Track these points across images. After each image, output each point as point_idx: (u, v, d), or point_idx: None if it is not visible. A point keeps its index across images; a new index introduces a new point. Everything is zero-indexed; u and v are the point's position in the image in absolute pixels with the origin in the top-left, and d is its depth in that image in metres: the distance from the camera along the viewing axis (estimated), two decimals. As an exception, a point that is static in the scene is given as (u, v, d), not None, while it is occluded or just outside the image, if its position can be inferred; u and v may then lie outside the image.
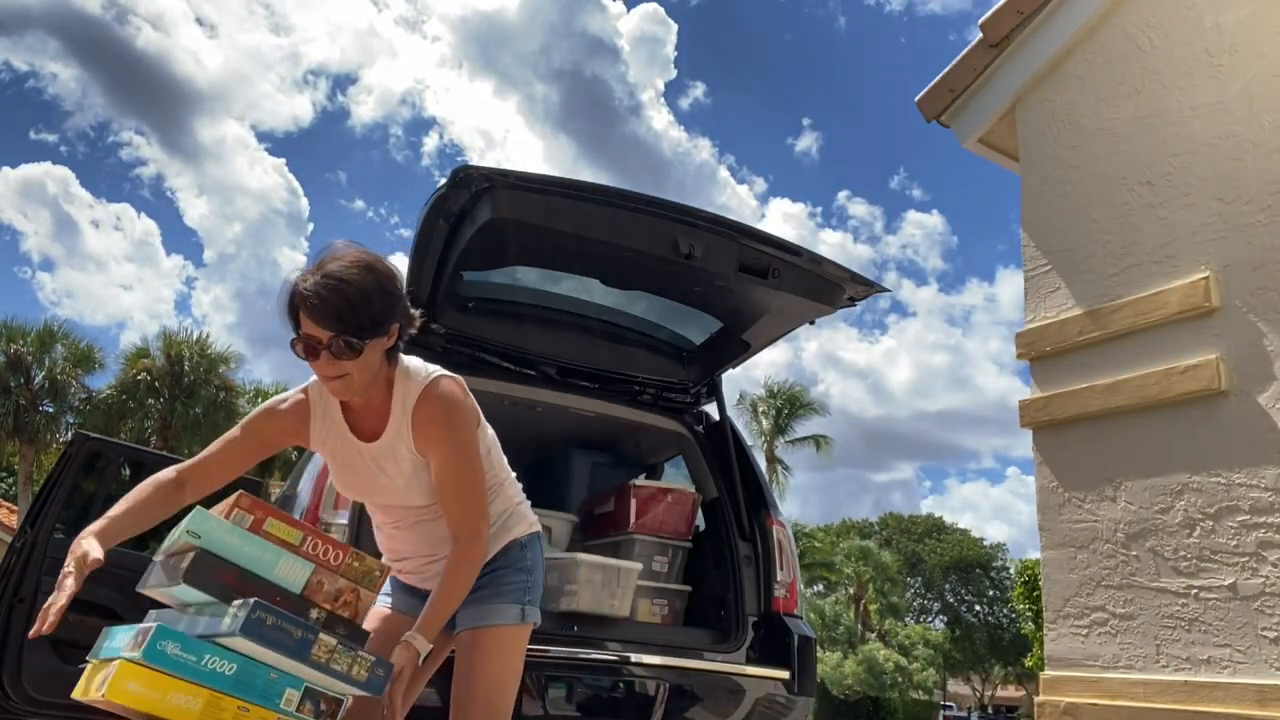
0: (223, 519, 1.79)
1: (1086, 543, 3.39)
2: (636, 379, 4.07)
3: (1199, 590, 3.08)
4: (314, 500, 3.08)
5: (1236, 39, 3.29)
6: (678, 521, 3.86)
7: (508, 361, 3.88)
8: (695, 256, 3.17)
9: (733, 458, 3.95)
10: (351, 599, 1.86)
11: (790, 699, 3.48)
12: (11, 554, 4.22)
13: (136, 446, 6.47)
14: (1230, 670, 2.96)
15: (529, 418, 4.14)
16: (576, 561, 3.36)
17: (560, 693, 3.21)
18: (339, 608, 1.84)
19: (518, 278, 3.77)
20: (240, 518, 1.80)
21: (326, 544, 1.87)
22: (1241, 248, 3.15)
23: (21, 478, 21.32)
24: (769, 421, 31.72)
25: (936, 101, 4.18)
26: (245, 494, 1.85)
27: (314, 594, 1.82)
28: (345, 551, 1.88)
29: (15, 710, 4.09)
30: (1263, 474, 2.98)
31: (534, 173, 3.04)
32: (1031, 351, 3.69)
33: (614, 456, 4.52)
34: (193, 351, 22.44)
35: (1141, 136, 3.51)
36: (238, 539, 1.78)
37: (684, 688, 3.37)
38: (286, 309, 1.97)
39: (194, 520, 1.77)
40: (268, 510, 1.84)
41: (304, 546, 1.84)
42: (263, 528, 1.81)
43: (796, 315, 3.66)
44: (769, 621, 3.61)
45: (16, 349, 21.14)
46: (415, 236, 3.30)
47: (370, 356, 1.99)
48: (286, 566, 1.81)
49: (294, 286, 1.95)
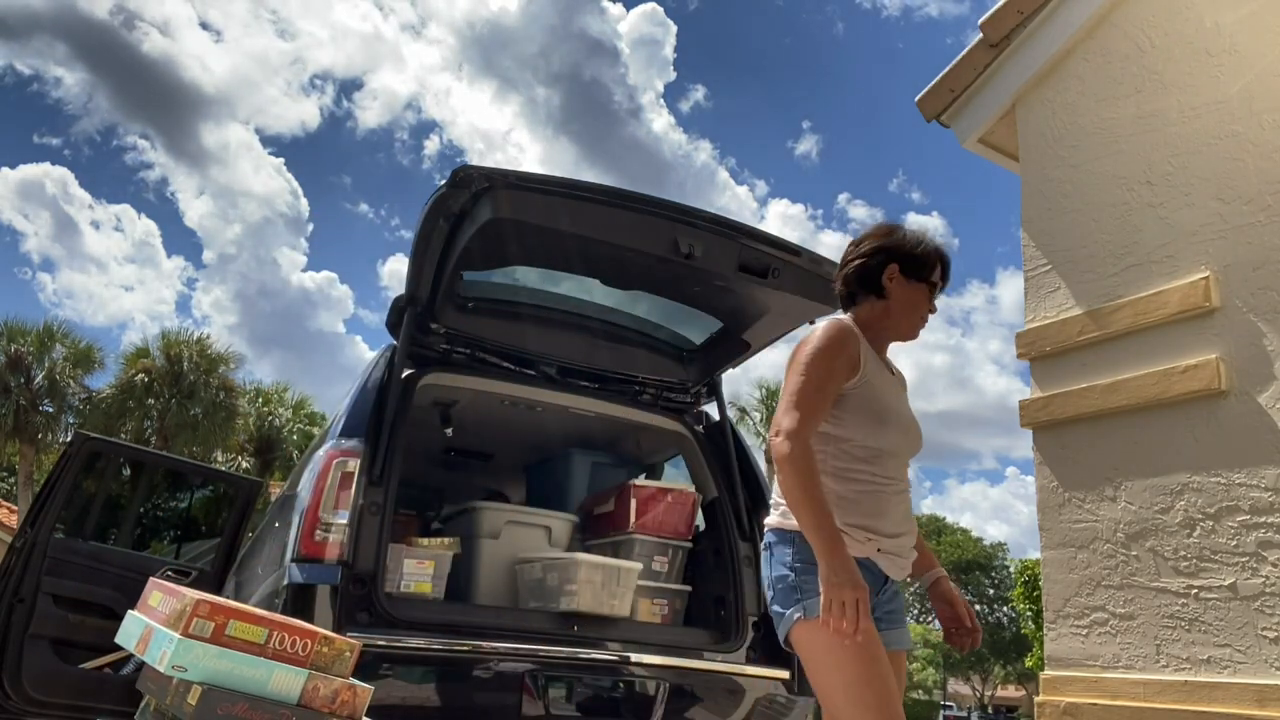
0: (207, 646, 1.77)
1: (1086, 543, 3.39)
2: (636, 379, 4.07)
3: (1199, 590, 3.08)
4: (314, 500, 3.08)
5: (1236, 39, 3.29)
6: (678, 521, 3.86)
7: (508, 361, 3.88)
8: (695, 256, 3.17)
9: (733, 457, 3.95)
10: (349, 697, 1.87)
11: (790, 699, 3.48)
12: (11, 554, 4.22)
13: (136, 446, 6.48)
14: (1230, 670, 2.96)
15: (529, 418, 4.14)
16: (576, 561, 3.36)
17: (560, 693, 3.21)
18: (338, 708, 1.85)
19: (518, 278, 3.77)
20: (201, 626, 1.79)
21: (293, 634, 1.87)
22: (1241, 248, 3.15)
23: (21, 478, 21.31)
24: (764, 423, 31.67)
25: (936, 101, 4.17)
26: (202, 600, 1.83)
27: (311, 700, 1.83)
28: (313, 639, 1.88)
29: (15, 710, 4.09)
30: (1263, 474, 2.98)
31: (534, 173, 3.04)
32: (1031, 351, 3.69)
33: (614, 456, 4.52)
34: (192, 352, 22.44)
35: (1141, 136, 3.50)
36: (227, 662, 1.78)
37: (684, 688, 3.37)
38: (939, 263, 2.35)
39: (179, 654, 1.75)
40: (227, 612, 1.83)
41: (270, 644, 1.83)
42: (225, 634, 1.80)
43: (796, 315, 3.66)
44: (769, 621, 3.60)
45: (16, 349, 21.13)
46: (415, 236, 3.30)
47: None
48: (280, 679, 1.81)
49: (939, 248, 2.35)
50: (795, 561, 2.13)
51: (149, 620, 1.94)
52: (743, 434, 4.32)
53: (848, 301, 2.39)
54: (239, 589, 4.03)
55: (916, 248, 2.33)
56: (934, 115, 4.21)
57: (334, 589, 2.93)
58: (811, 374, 2.14)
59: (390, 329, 3.76)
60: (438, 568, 3.37)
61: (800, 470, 2.02)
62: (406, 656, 3.01)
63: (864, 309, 2.34)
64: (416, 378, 3.59)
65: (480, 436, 4.54)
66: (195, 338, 23.08)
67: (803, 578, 2.10)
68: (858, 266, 2.34)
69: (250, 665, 1.79)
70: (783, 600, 2.13)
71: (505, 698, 3.12)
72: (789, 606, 2.11)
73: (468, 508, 3.83)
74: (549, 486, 4.56)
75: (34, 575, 4.15)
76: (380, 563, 3.09)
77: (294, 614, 2.65)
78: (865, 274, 2.33)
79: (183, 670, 1.74)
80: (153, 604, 1.98)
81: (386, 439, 3.27)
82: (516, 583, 3.67)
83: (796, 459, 2.03)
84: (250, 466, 23.19)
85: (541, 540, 3.79)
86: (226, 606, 1.85)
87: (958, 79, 4.09)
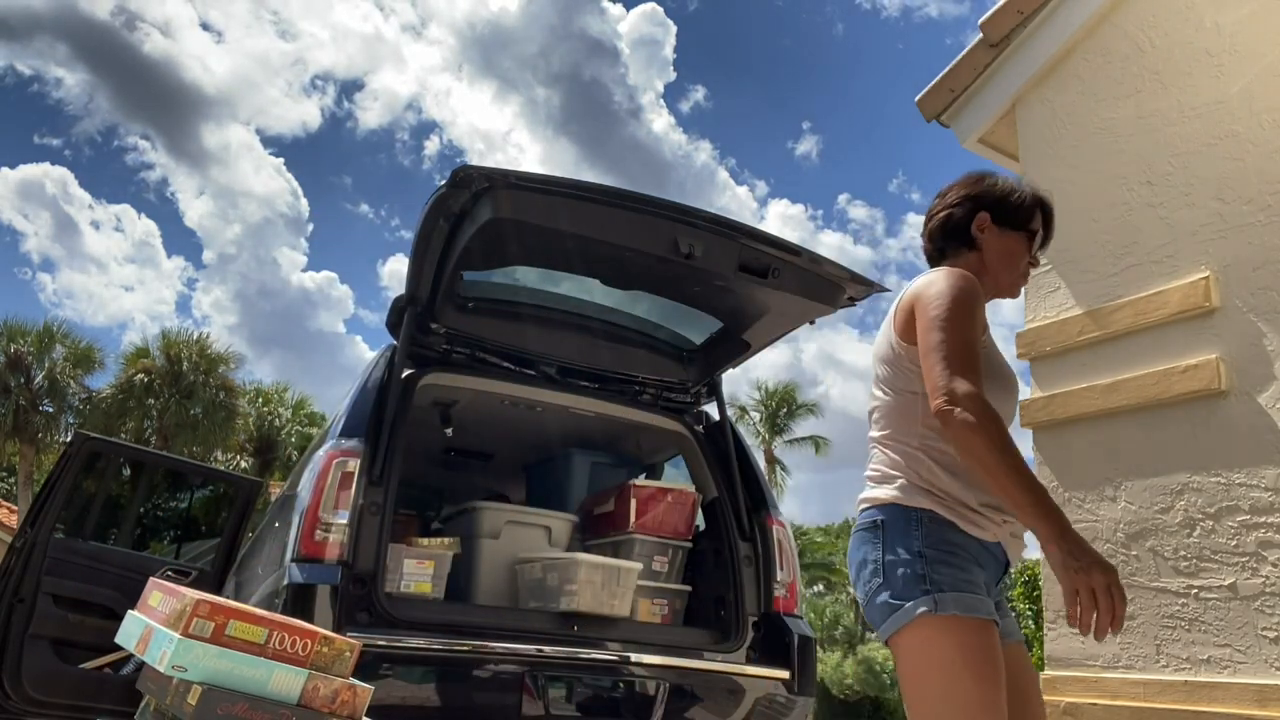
0: (207, 646, 1.77)
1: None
2: (636, 379, 4.07)
3: (1199, 590, 3.08)
4: (314, 500, 3.08)
5: (1236, 39, 3.29)
6: (678, 521, 3.86)
7: (508, 361, 3.88)
8: (695, 256, 3.17)
9: (733, 457, 3.95)
10: (349, 697, 1.87)
11: (790, 699, 3.48)
12: (11, 554, 4.22)
13: (136, 446, 6.47)
14: (1230, 670, 2.96)
15: (529, 418, 4.14)
16: (576, 561, 3.36)
17: (560, 693, 3.21)
18: (338, 708, 1.85)
19: (518, 278, 3.77)
20: (201, 626, 1.79)
21: (293, 634, 1.87)
22: (1241, 248, 3.15)
23: (21, 478, 21.32)
24: (764, 423, 31.72)
25: (936, 101, 4.18)
26: (202, 600, 1.83)
27: (311, 700, 1.83)
28: (313, 638, 1.88)
29: (15, 710, 4.09)
30: (1263, 474, 2.98)
31: (534, 172, 3.03)
32: (1031, 351, 3.69)
33: (614, 456, 4.52)
34: (192, 351, 22.45)
35: (1141, 136, 3.50)
36: (227, 662, 1.78)
37: (684, 688, 3.37)
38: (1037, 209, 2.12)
39: (179, 654, 1.75)
40: (227, 612, 1.83)
41: (270, 644, 1.83)
42: (225, 634, 1.80)
43: (796, 315, 3.66)
44: (769, 621, 3.60)
45: (16, 349, 21.15)
46: (415, 236, 3.30)
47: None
48: (280, 679, 1.81)
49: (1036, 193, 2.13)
50: (925, 546, 1.81)
51: (149, 620, 1.94)
52: (743, 434, 4.32)
53: (936, 260, 2.13)
54: (239, 589, 4.03)
55: (1010, 194, 2.10)
56: (934, 115, 4.21)
57: (334, 589, 2.93)
58: (958, 325, 1.83)
59: (390, 329, 3.76)
60: (438, 568, 3.37)
61: (995, 435, 1.70)
62: (406, 656, 3.01)
63: (957, 264, 2.06)
64: (416, 378, 3.59)
65: (480, 436, 4.54)
66: (195, 338, 23.14)
67: (935, 566, 1.78)
68: (943, 218, 2.11)
69: (250, 665, 1.79)
70: (903, 589, 1.79)
71: (505, 698, 3.12)
72: (911, 597, 1.77)
73: (468, 508, 3.83)
74: (549, 486, 4.56)
75: (34, 575, 4.15)
76: (380, 563, 3.09)
77: (294, 614, 2.65)
78: (952, 225, 2.10)
79: (183, 670, 1.74)
80: (153, 604, 1.98)
81: (386, 439, 3.27)
82: (516, 583, 3.67)
83: (988, 422, 1.70)
84: (250, 466, 23.20)
85: (541, 540, 3.79)
86: (226, 606, 1.85)
87: (958, 79, 4.10)
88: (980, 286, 1.95)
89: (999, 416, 1.73)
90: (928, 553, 1.80)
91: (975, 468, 1.74)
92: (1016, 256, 2.09)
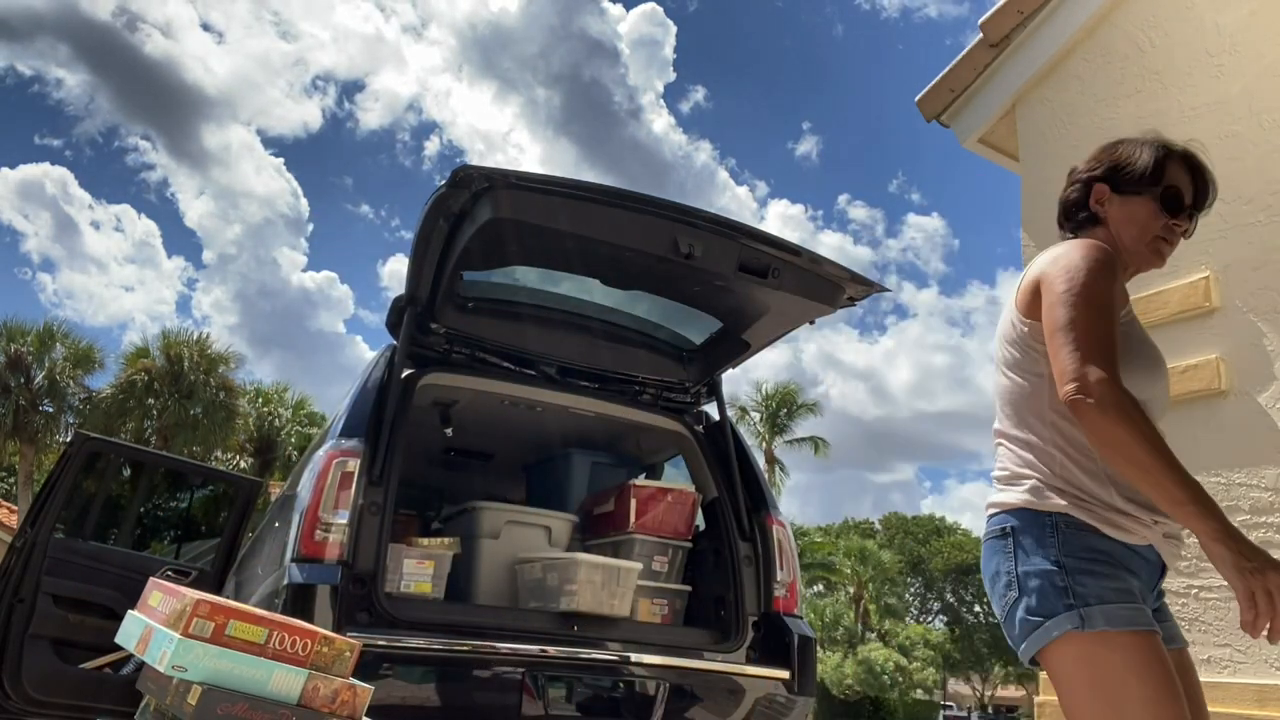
0: (207, 646, 1.77)
1: (1086, 543, 3.39)
2: (636, 379, 4.07)
3: (1199, 590, 3.08)
4: (314, 500, 3.08)
5: (1236, 39, 3.29)
6: (678, 521, 3.86)
7: (508, 361, 3.88)
8: (695, 256, 3.17)
9: (733, 457, 3.95)
10: (349, 697, 1.87)
11: (790, 699, 3.48)
12: (11, 554, 4.22)
13: (136, 446, 6.48)
14: (1230, 670, 2.96)
15: (529, 418, 4.14)
16: (576, 561, 3.36)
17: (560, 693, 3.21)
18: (338, 708, 1.85)
19: (518, 278, 3.77)
20: (201, 626, 1.79)
21: (293, 634, 1.87)
22: (1241, 248, 3.15)
23: (21, 478, 21.32)
24: (764, 423, 31.73)
25: (936, 101, 4.18)
26: (202, 600, 1.84)
27: (311, 700, 1.83)
28: (313, 639, 1.88)
29: (15, 710, 4.09)
30: (1263, 474, 2.98)
31: (534, 172, 3.03)
32: (1031, 351, 3.69)
33: (614, 456, 4.52)
34: (192, 352, 22.44)
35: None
36: (227, 662, 1.78)
37: (684, 688, 3.37)
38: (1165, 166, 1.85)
39: (179, 654, 1.75)
40: (227, 612, 1.83)
41: (270, 643, 1.84)
42: (225, 634, 1.80)
43: (796, 315, 3.66)
44: (769, 621, 3.60)
45: (16, 349, 21.14)
46: (415, 236, 3.30)
47: None
48: (280, 679, 1.81)
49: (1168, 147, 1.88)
50: (1064, 555, 1.62)
51: (149, 620, 1.94)
52: (743, 434, 4.32)
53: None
54: (239, 589, 4.03)
55: (1128, 157, 1.87)
56: (934, 115, 4.21)
57: (334, 589, 2.93)
58: (1089, 300, 1.62)
59: (390, 329, 3.76)
60: (438, 568, 3.37)
61: (1137, 425, 1.50)
62: (406, 656, 3.01)
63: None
64: (416, 378, 3.59)
65: (480, 436, 4.55)
66: (195, 338, 23.11)
67: (1076, 577, 1.60)
68: (1063, 202, 1.96)
69: (250, 665, 1.79)
70: (1044, 604, 1.61)
71: (505, 698, 3.12)
72: (1056, 613, 1.59)
73: (468, 507, 3.83)
74: (549, 486, 4.56)
75: (34, 575, 4.15)
76: (380, 563, 3.09)
77: (294, 614, 2.65)
78: (1071, 205, 1.94)
79: (183, 670, 1.74)
80: (153, 604, 1.98)
81: (386, 439, 3.27)
82: (516, 583, 3.67)
83: (1128, 411, 1.51)
84: (250, 466, 23.20)
85: (541, 540, 3.79)
86: (226, 606, 1.85)
87: (958, 79, 4.10)
88: (1116, 257, 1.77)
89: (1138, 404, 1.54)
90: (1066, 562, 1.62)
91: (1117, 463, 1.56)
92: (1146, 221, 1.85)
